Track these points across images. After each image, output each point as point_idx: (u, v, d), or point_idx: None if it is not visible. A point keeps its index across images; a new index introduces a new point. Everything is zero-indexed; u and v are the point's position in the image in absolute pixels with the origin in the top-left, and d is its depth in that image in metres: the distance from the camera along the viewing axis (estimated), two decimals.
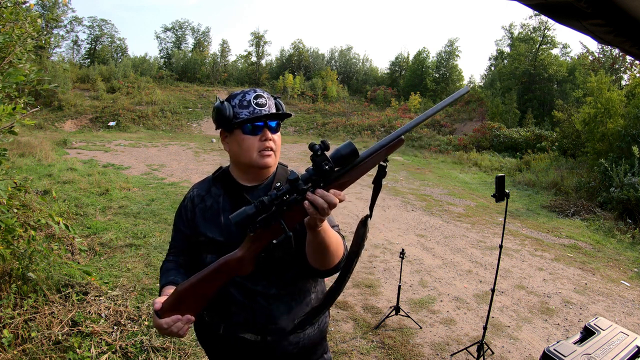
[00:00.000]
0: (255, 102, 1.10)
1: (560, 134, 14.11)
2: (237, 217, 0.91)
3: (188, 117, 23.05)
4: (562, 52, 27.50)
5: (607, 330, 1.85)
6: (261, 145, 1.12)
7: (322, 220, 0.93)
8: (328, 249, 1.02)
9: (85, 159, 10.71)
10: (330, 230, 1.03)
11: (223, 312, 1.15)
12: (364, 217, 0.95)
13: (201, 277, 0.99)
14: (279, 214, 0.93)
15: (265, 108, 1.11)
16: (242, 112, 1.10)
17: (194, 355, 2.47)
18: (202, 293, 1.00)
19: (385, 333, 3.02)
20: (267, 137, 1.11)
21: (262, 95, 1.12)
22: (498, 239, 5.57)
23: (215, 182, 1.22)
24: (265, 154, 1.12)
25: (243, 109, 1.11)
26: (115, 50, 35.22)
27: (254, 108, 1.10)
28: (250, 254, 0.97)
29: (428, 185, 9.93)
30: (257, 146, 1.11)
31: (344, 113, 26.02)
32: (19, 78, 2.18)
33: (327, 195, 0.88)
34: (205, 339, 1.23)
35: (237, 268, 0.99)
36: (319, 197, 0.88)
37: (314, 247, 1.02)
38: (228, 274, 0.99)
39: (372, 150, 0.93)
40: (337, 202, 0.89)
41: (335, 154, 0.90)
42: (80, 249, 3.73)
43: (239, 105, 1.11)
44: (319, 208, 0.88)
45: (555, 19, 0.54)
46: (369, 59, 47.32)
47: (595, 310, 3.67)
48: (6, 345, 2.15)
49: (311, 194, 0.89)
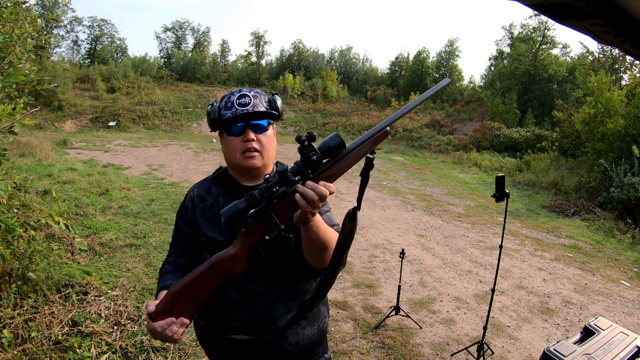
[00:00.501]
0: (238, 102, 1.09)
1: (560, 134, 14.11)
2: (227, 212, 0.90)
3: (188, 117, 23.06)
4: (562, 52, 27.52)
5: (607, 330, 1.85)
6: (243, 146, 1.10)
7: (314, 213, 0.92)
8: (323, 245, 1.01)
9: (85, 159, 10.71)
10: (324, 226, 1.02)
11: (221, 313, 1.14)
12: (352, 208, 0.93)
13: (194, 276, 0.97)
14: (270, 207, 0.91)
15: (248, 107, 1.09)
16: (226, 113, 1.10)
17: (194, 355, 2.47)
18: (196, 293, 0.97)
19: (385, 333, 3.02)
20: (248, 138, 1.09)
21: (246, 95, 1.11)
22: (498, 239, 5.57)
23: (216, 182, 1.22)
24: (248, 155, 1.10)
25: (227, 110, 1.10)
26: (115, 50, 35.24)
27: (236, 109, 1.09)
28: (244, 251, 0.96)
29: (428, 185, 9.92)
30: (240, 147, 1.10)
31: (344, 113, 26.03)
32: (19, 78, 2.17)
33: (317, 187, 0.88)
34: (205, 340, 1.23)
35: (230, 265, 0.96)
36: (309, 189, 0.88)
37: (308, 243, 1.01)
38: (222, 272, 0.97)
39: (359, 142, 0.92)
40: (327, 193, 0.89)
41: (322, 146, 0.90)
42: (80, 249, 3.73)
43: (224, 106, 1.11)
44: (309, 200, 0.88)
45: (555, 19, 0.54)
46: (369, 59, 47.42)
47: (595, 310, 3.67)
48: (6, 345, 2.15)
49: (301, 186, 0.89)
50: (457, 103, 27.12)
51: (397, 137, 20.91)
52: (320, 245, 1.01)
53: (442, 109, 26.42)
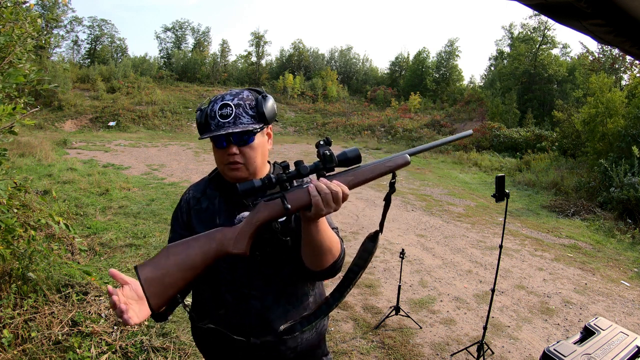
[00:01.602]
0: (220, 114, 1.04)
1: (560, 134, 14.10)
2: (244, 186, 0.91)
3: (188, 117, 23.04)
4: (562, 52, 27.50)
5: (607, 330, 1.85)
6: (226, 159, 1.07)
7: (323, 211, 0.91)
8: (323, 248, 1.00)
9: (85, 159, 10.71)
10: (328, 229, 1.01)
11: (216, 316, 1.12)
12: (374, 232, 0.95)
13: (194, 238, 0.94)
14: (283, 192, 0.93)
15: (230, 119, 1.03)
16: (211, 123, 1.06)
17: (194, 355, 2.47)
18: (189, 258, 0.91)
19: (385, 333, 3.02)
20: (230, 152, 1.05)
21: (228, 105, 1.04)
22: (498, 239, 5.57)
23: (211, 184, 1.20)
24: (232, 168, 1.07)
25: (211, 120, 1.06)
26: (115, 50, 35.21)
27: (217, 120, 1.04)
28: (248, 229, 0.94)
29: (428, 185, 9.92)
30: (224, 159, 1.08)
31: (344, 113, 26.02)
32: (19, 78, 2.17)
33: (331, 184, 0.90)
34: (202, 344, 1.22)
35: (230, 239, 0.93)
36: (323, 184, 0.90)
37: (309, 244, 0.99)
38: (220, 244, 0.93)
39: (377, 161, 0.97)
40: (340, 193, 0.90)
41: (341, 155, 0.93)
42: (80, 249, 3.73)
43: (208, 115, 1.07)
44: (322, 194, 0.89)
45: (555, 19, 0.54)
46: (369, 59, 47.41)
47: (595, 310, 3.67)
48: (6, 345, 2.15)
49: (316, 180, 0.92)
50: (457, 103, 27.13)
51: (397, 137, 20.92)
52: (321, 247, 1.00)
53: (442, 109, 26.43)
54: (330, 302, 1.00)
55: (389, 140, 20.74)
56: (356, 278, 0.98)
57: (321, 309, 1.00)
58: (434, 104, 28.37)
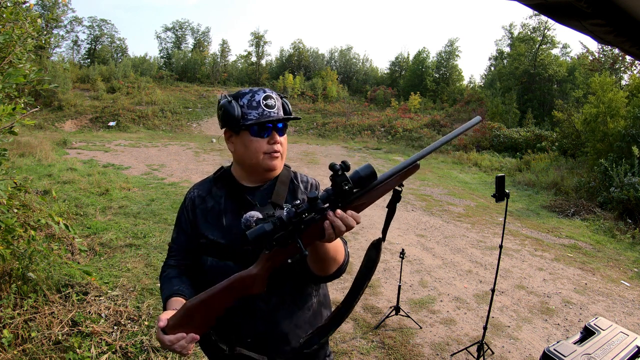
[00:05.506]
0: (265, 104, 1.09)
1: (560, 134, 14.10)
2: (254, 233, 0.88)
3: (188, 117, 23.03)
4: (562, 52, 27.48)
5: (607, 330, 1.85)
6: (269, 148, 1.10)
7: (334, 240, 0.93)
8: (331, 257, 1.03)
9: (85, 159, 10.70)
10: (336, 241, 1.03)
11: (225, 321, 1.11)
12: (377, 240, 0.96)
13: (212, 293, 0.95)
14: (297, 233, 0.91)
15: (275, 110, 1.10)
16: (250, 112, 1.08)
17: (194, 355, 2.47)
18: (212, 310, 0.96)
19: (385, 333, 3.02)
20: (275, 140, 1.10)
21: (271, 96, 1.10)
22: (498, 239, 5.57)
23: (216, 183, 1.20)
24: (274, 156, 1.11)
25: (252, 109, 1.08)
26: (115, 50, 35.19)
27: (263, 109, 1.08)
28: (265, 272, 0.95)
29: (428, 185, 9.92)
30: (265, 149, 1.10)
31: (344, 113, 25.99)
32: (19, 78, 2.17)
33: (346, 218, 0.89)
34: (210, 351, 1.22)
35: (250, 285, 0.95)
36: (338, 219, 0.89)
37: (317, 254, 1.01)
38: (240, 291, 0.96)
39: (390, 173, 0.94)
40: (354, 224, 0.90)
41: (354, 175, 0.90)
42: (80, 249, 3.73)
43: (247, 105, 1.08)
44: (337, 229, 0.89)
45: (555, 19, 0.54)
46: (369, 59, 47.36)
47: (595, 310, 3.67)
48: (6, 345, 2.16)
49: (332, 215, 0.89)
50: (457, 103, 27.10)
51: (397, 137, 20.91)
52: (327, 257, 1.02)
53: (442, 109, 26.41)
54: (342, 312, 1.02)
55: (389, 140, 20.73)
56: (364, 287, 1.00)
57: (335, 319, 1.02)
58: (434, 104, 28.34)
